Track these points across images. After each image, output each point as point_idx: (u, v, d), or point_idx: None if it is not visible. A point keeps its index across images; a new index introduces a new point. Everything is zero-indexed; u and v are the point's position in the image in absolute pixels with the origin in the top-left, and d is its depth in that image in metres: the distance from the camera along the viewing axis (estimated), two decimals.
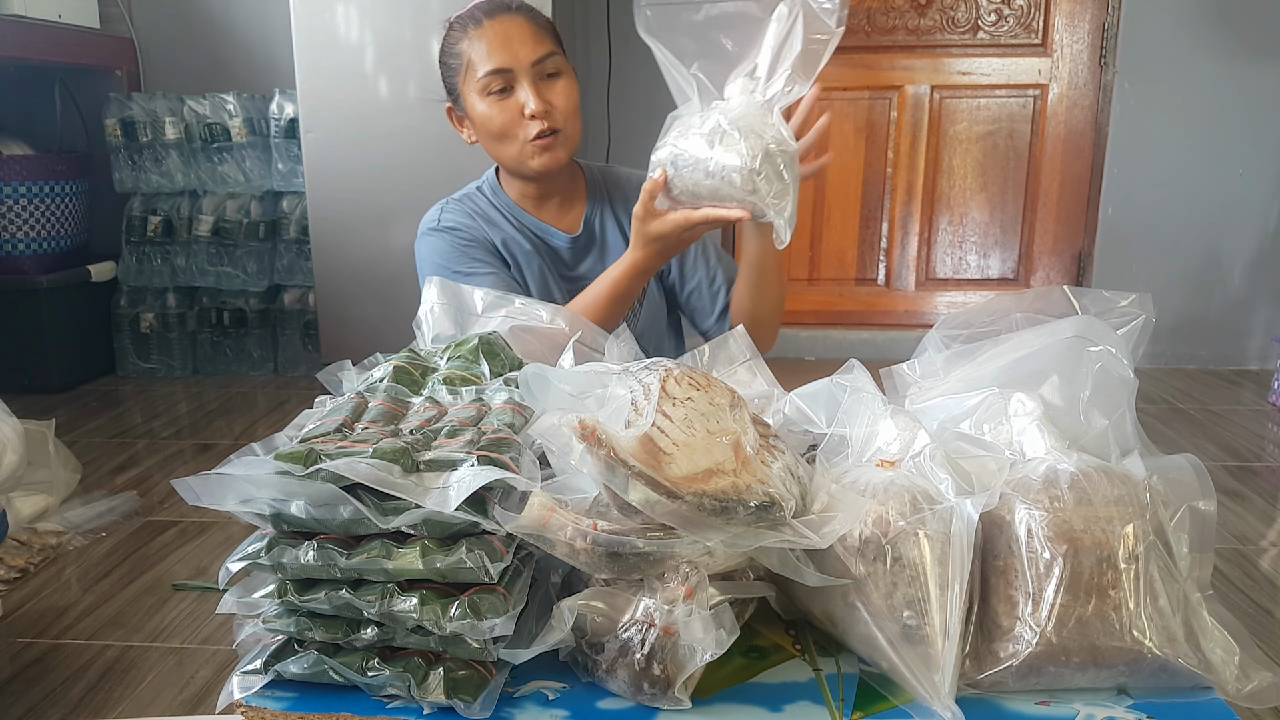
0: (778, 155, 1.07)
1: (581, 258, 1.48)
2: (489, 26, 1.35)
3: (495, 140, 1.38)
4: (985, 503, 0.69)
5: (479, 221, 1.45)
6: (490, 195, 1.49)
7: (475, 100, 1.36)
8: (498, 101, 1.35)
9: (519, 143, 1.36)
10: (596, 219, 1.49)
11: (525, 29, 1.36)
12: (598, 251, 1.49)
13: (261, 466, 0.68)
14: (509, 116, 1.35)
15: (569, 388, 0.77)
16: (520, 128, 1.35)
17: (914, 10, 3.31)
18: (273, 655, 0.71)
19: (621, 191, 1.51)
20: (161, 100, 3.19)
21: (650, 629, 0.67)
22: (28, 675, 1.50)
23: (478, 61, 1.34)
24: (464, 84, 1.37)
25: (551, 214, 1.48)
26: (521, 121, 1.35)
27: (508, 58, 1.33)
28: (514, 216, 1.47)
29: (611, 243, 1.49)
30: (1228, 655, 0.68)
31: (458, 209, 1.46)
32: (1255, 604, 1.70)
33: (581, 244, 1.48)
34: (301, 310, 3.22)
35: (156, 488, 2.25)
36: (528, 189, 1.46)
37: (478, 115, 1.37)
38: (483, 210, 1.47)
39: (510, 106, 1.35)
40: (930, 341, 0.88)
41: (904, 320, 3.53)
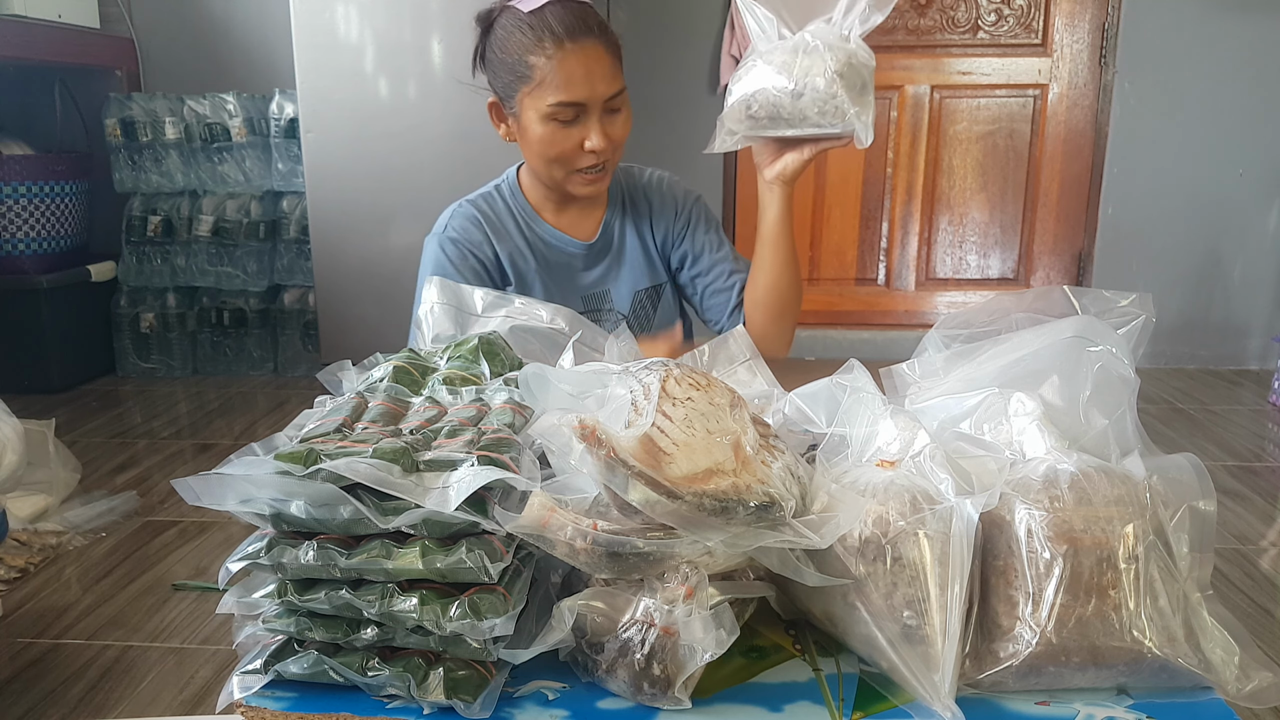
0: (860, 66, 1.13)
1: (595, 263, 1.47)
2: (571, 52, 1.27)
3: (543, 161, 1.34)
4: (985, 503, 0.69)
5: (485, 233, 1.42)
6: (509, 197, 1.46)
7: (534, 119, 1.31)
8: (561, 129, 1.30)
9: (567, 169, 1.34)
10: (616, 224, 1.48)
11: (604, 61, 1.30)
12: (613, 258, 1.48)
13: (261, 466, 0.68)
14: (568, 146, 1.31)
15: (569, 388, 0.77)
16: (576, 158, 1.32)
17: (914, 10, 3.31)
18: (273, 655, 0.71)
19: (642, 194, 1.50)
20: (161, 100, 3.19)
21: (650, 629, 0.67)
22: (28, 675, 1.50)
23: (552, 86, 1.28)
24: (526, 96, 1.31)
25: (570, 219, 1.46)
26: (579, 153, 1.32)
27: (585, 92, 1.28)
28: (528, 224, 1.45)
29: (629, 248, 1.48)
30: (1228, 655, 0.68)
31: (467, 217, 1.43)
32: (1255, 604, 1.70)
33: (597, 250, 1.47)
34: (301, 310, 3.22)
35: (156, 488, 2.25)
36: (551, 194, 1.44)
37: (534, 134, 1.32)
38: (497, 215, 1.44)
39: (572, 136, 1.30)
40: (930, 341, 0.88)
41: (904, 320, 3.54)
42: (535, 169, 1.39)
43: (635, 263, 1.48)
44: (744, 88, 1.18)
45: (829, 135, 1.18)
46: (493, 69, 1.36)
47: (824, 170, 3.45)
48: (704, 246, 1.48)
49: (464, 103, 2.75)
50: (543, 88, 1.28)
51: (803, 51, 1.13)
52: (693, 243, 1.48)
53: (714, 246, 1.48)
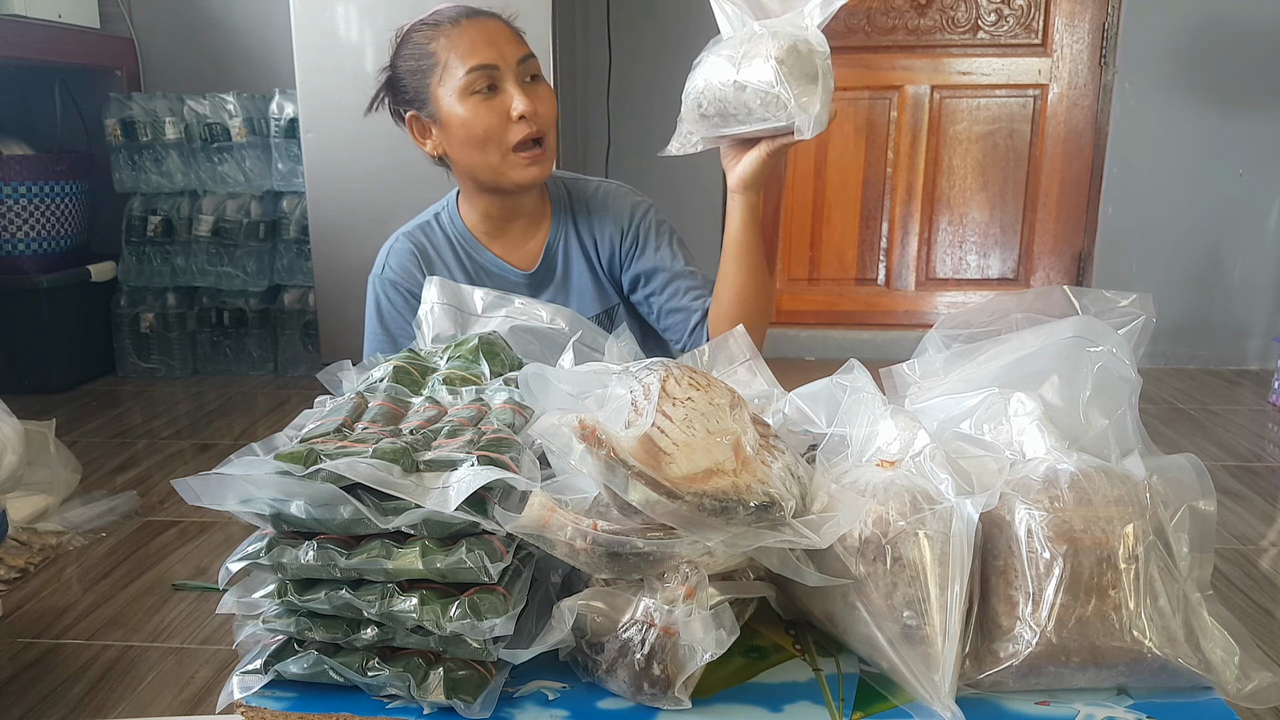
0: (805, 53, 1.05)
1: (539, 291, 1.41)
2: (468, 25, 1.29)
3: (475, 147, 1.29)
4: (985, 503, 0.69)
5: (422, 268, 1.38)
6: (448, 225, 1.42)
7: (453, 103, 1.27)
8: (482, 102, 1.26)
9: (502, 150, 1.28)
10: (560, 246, 1.42)
11: (505, 30, 1.31)
12: (557, 285, 1.42)
13: (261, 466, 0.68)
14: (494, 119, 1.27)
15: (569, 388, 0.77)
16: (505, 132, 1.27)
17: (914, 10, 3.31)
18: (273, 655, 0.71)
19: (587, 208, 1.43)
20: (161, 100, 3.19)
21: (650, 629, 0.67)
22: (28, 675, 1.50)
23: (457, 60, 1.26)
24: (437, 85, 1.28)
25: (510, 243, 1.41)
26: (507, 125, 1.27)
27: (493, 54, 1.27)
28: (467, 253, 1.40)
29: (575, 273, 1.42)
30: (1228, 655, 0.68)
31: (403, 254, 1.39)
32: (1255, 604, 1.70)
33: (539, 278, 1.41)
34: (301, 310, 3.22)
35: (156, 488, 2.25)
36: (491, 210, 1.38)
37: (456, 119, 1.28)
38: (435, 246, 1.40)
39: (496, 108, 1.27)
40: (930, 341, 0.88)
41: (904, 320, 3.54)
42: (469, 167, 1.33)
43: (582, 289, 1.42)
44: (694, 83, 1.11)
45: (778, 130, 1.09)
46: (400, 86, 1.34)
47: (824, 170, 3.45)
48: (656, 265, 1.40)
49: None
50: (450, 68, 1.27)
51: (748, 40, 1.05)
52: (643, 262, 1.41)
53: (667, 262, 1.40)
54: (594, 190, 1.45)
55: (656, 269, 1.40)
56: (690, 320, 1.38)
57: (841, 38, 3.35)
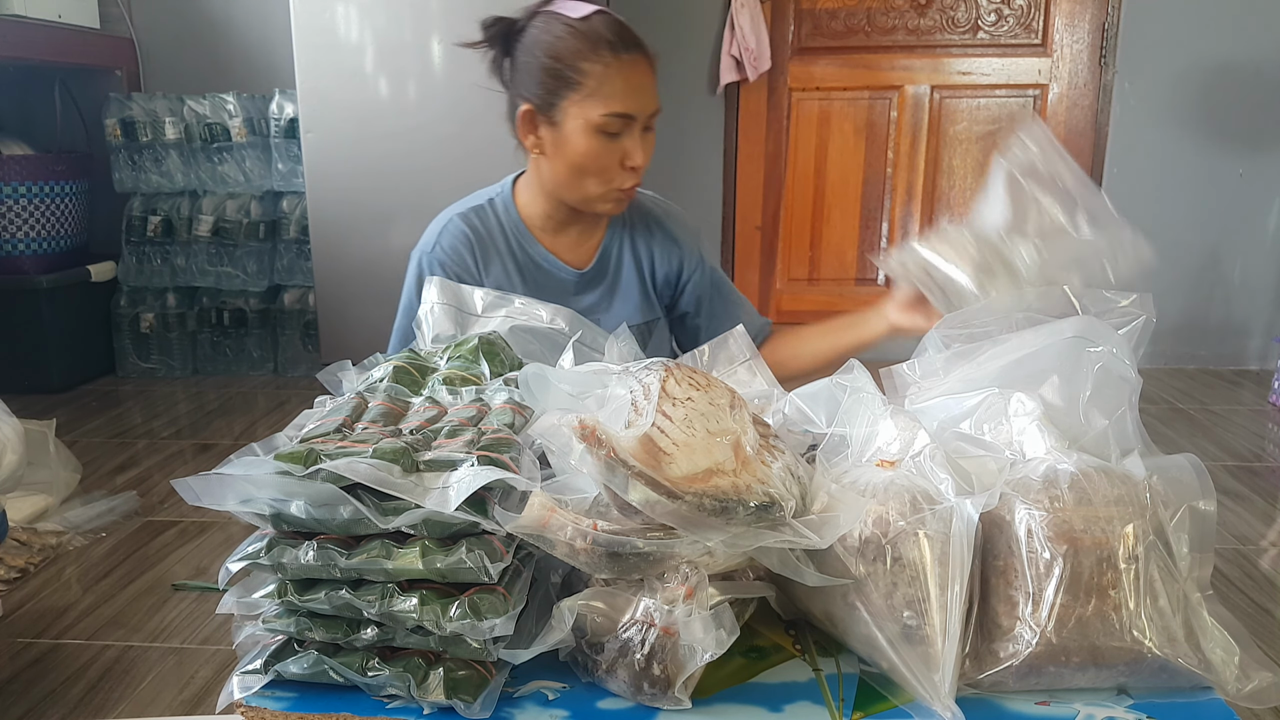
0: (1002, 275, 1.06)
1: (587, 291, 1.42)
2: (628, 63, 1.26)
3: (579, 173, 1.29)
4: (985, 503, 0.69)
5: (474, 254, 1.37)
6: (502, 213, 1.40)
7: (579, 128, 1.26)
8: (607, 142, 1.26)
9: (604, 186, 1.30)
10: (614, 250, 1.43)
11: (651, 78, 1.29)
12: (607, 285, 1.43)
13: (261, 466, 0.68)
14: (609, 161, 1.28)
15: (569, 388, 0.77)
16: (614, 174, 1.29)
17: (914, 10, 3.31)
18: (273, 655, 0.71)
19: (645, 220, 1.45)
20: (161, 100, 3.19)
21: (650, 629, 0.67)
22: (28, 675, 1.50)
23: (607, 96, 1.24)
24: (572, 104, 1.26)
25: (567, 243, 1.41)
26: (618, 169, 1.29)
27: (636, 106, 1.26)
28: (520, 244, 1.40)
29: (625, 280, 1.44)
30: (1228, 655, 0.68)
31: (457, 235, 1.38)
32: (1255, 604, 1.70)
33: (590, 278, 1.42)
34: (301, 310, 3.22)
35: (156, 488, 2.25)
36: (557, 213, 1.38)
37: (577, 145, 1.27)
38: (489, 231, 1.39)
39: (614, 151, 1.27)
40: (930, 341, 0.88)
41: None
42: (563, 184, 1.33)
43: (630, 296, 1.43)
44: (939, 258, 1.09)
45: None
46: (527, 73, 1.29)
47: (824, 170, 3.45)
48: (715, 295, 1.47)
49: (464, 103, 2.75)
50: (595, 97, 1.25)
51: (998, 270, 1.05)
52: (698, 288, 1.46)
53: (726, 297, 1.48)
54: (653, 204, 1.48)
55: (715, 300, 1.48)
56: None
57: (841, 38, 3.35)
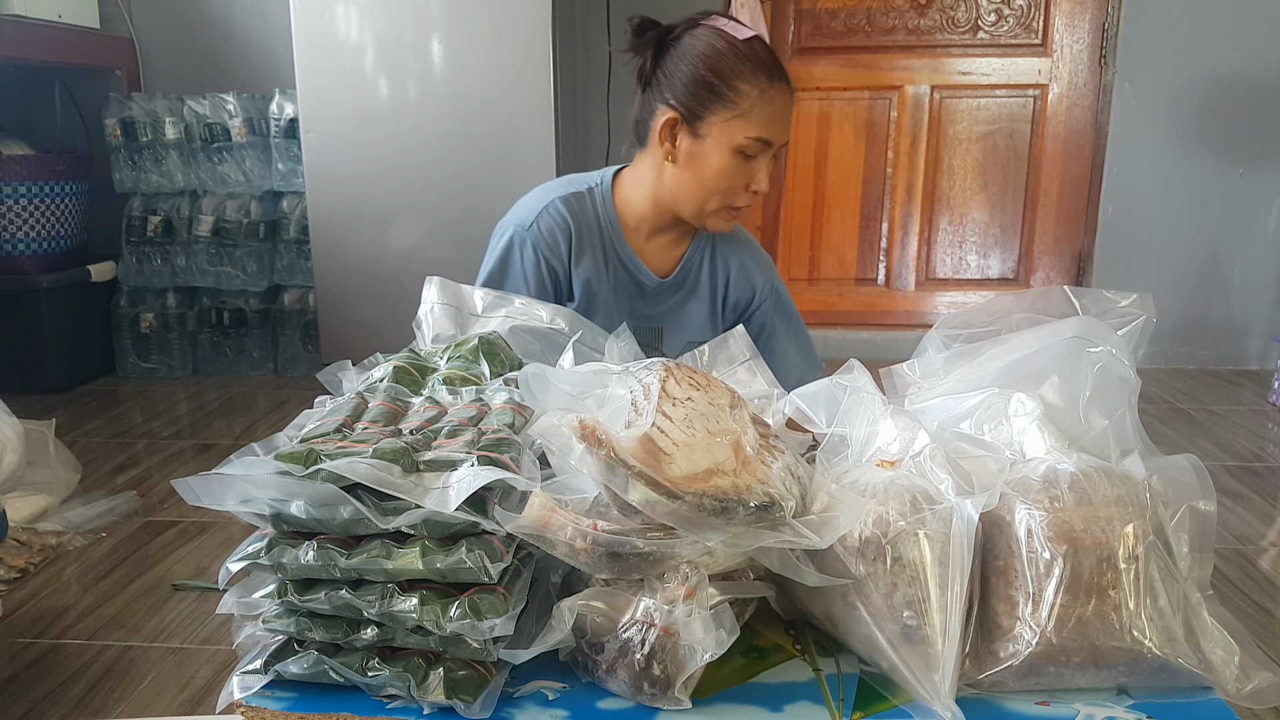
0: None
1: (662, 300, 1.45)
2: (780, 92, 1.29)
3: (706, 189, 1.32)
4: (985, 503, 0.69)
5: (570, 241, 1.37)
6: (599, 205, 1.41)
7: (719, 146, 1.28)
8: (742, 163, 1.29)
9: (723, 204, 1.33)
10: (695, 264, 1.46)
11: (791, 110, 1.33)
12: (680, 299, 1.46)
13: (261, 466, 0.68)
14: (738, 181, 1.31)
15: (569, 388, 0.77)
16: (737, 195, 1.32)
17: (914, 10, 3.31)
18: (273, 655, 0.71)
19: (726, 242, 1.48)
20: (161, 100, 3.19)
21: (650, 629, 0.67)
22: (28, 675, 1.50)
23: (757, 120, 1.27)
24: (720, 122, 1.28)
25: (655, 249, 1.43)
26: (742, 191, 1.32)
27: (778, 135, 1.30)
28: (612, 240, 1.40)
29: (699, 295, 1.47)
30: (1228, 655, 0.68)
31: (556, 218, 1.37)
32: (1255, 604, 1.70)
33: (670, 286, 1.45)
34: (301, 310, 3.22)
35: (156, 488, 2.25)
36: (657, 219, 1.40)
37: (713, 161, 1.29)
38: (586, 221, 1.39)
39: (745, 173, 1.30)
40: (930, 341, 0.88)
41: (904, 320, 3.53)
42: (684, 195, 1.34)
43: (698, 313, 1.46)
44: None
45: None
46: (680, 81, 1.29)
47: (824, 170, 3.45)
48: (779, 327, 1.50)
49: (464, 103, 2.75)
50: (745, 118, 1.27)
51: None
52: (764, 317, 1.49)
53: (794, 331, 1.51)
54: (744, 238, 1.51)
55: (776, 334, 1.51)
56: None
57: (841, 38, 3.35)
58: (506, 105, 2.66)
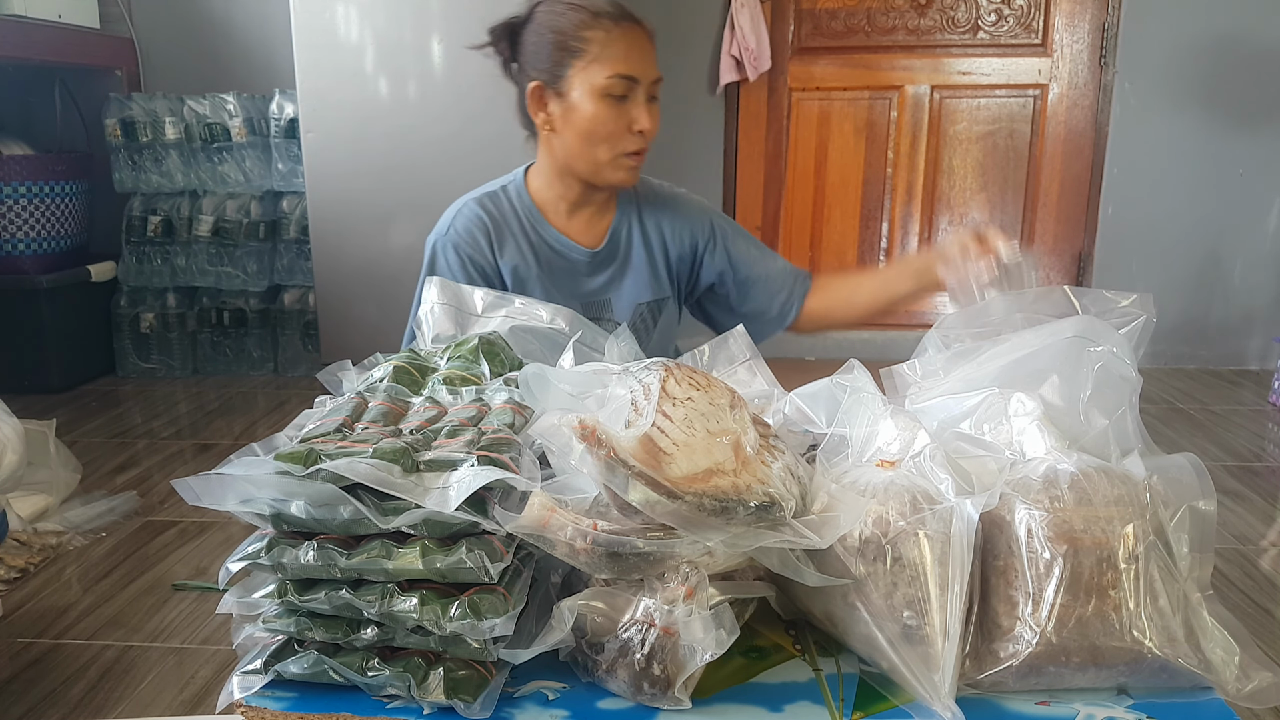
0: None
1: (599, 271, 1.46)
2: (628, 30, 1.32)
3: (587, 141, 1.34)
4: (985, 503, 0.69)
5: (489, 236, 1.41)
6: (515, 198, 1.45)
7: (586, 95, 1.32)
8: (613, 106, 1.32)
9: (613, 152, 1.34)
10: (624, 231, 1.47)
11: (650, 48, 1.35)
12: (617, 267, 1.47)
13: (261, 466, 0.68)
14: (617, 126, 1.33)
15: (569, 388, 0.77)
16: (622, 139, 1.34)
17: (914, 10, 3.31)
18: (273, 655, 0.71)
19: (653, 201, 1.49)
20: (161, 100, 3.19)
21: (650, 629, 0.67)
22: (28, 675, 1.50)
23: (610, 59, 1.30)
24: (578, 73, 1.32)
25: (579, 225, 1.45)
26: (625, 134, 1.33)
27: (638, 69, 1.32)
28: (533, 227, 1.43)
29: (635, 258, 1.47)
30: (1228, 655, 0.68)
31: (471, 218, 1.42)
32: (1255, 604, 1.70)
33: (602, 258, 1.46)
34: (301, 310, 3.22)
35: (156, 488, 2.25)
36: (570, 194, 1.42)
37: (584, 112, 1.32)
38: (503, 215, 1.43)
39: (621, 115, 1.32)
40: (930, 341, 0.88)
41: (904, 320, 3.53)
42: (574, 154, 1.37)
43: (640, 274, 1.47)
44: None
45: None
46: (535, 53, 1.36)
47: (824, 170, 3.45)
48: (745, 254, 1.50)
49: (464, 103, 2.75)
50: (599, 61, 1.31)
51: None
52: (730, 253, 1.49)
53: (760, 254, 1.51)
54: (660, 187, 1.52)
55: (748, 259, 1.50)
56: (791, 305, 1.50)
57: (841, 38, 3.35)
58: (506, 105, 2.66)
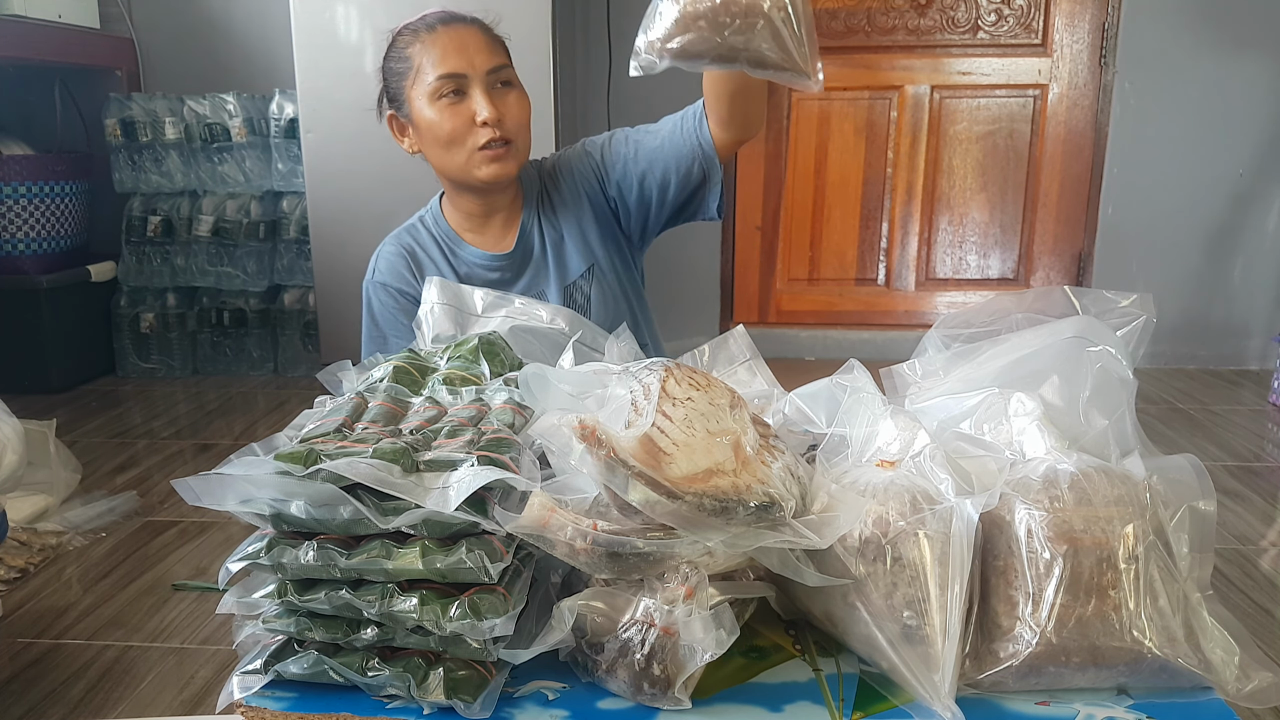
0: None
1: (520, 272, 1.46)
2: (443, 32, 1.35)
3: (442, 147, 1.36)
4: (985, 503, 0.69)
5: (411, 268, 1.44)
6: (432, 225, 1.48)
7: (423, 106, 1.35)
8: (449, 107, 1.33)
9: (467, 150, 1.35)
10: (534, 224, 1.46)
11: (479, 39, 1.35)
12: (536, 263, 1.46)
13: (261, 466, 0.68)
14: (459, 123, 1.33)
15: (569, 388, 0.77)
16: (470, 135, 1.34)
17: (914, 10, 3.31)
18: (273, 655, 0.71)
19: (551, 184, 1.48)
20: (161, 100, 3.19)
21: (650, 629, 0.67)
22: (28, 675, 1.50)
23: (429, 65, 1.33)
24: (411, 88, 1.36)
25: (492, 236, 1.46)
26: (472, 129, 1.33)
27: (462, 63, 1.33)
28: (451, 249, 1.46)
29: (550, 246, 1.46)
30: (1228, 655, 0.68)
31: (393, 255, 1.46)
32: (1255, 604, 1.70)
33: (517, 259, 1.46)
34: (301, 310, 3.22)
35: (156, 488, 2.25)
36: (473, 208, 1.44)
37: (424, 121, 1.35)
38: (422, 245, 1.46)
39: (461, 113, 1.33)
40: (930, 341, 0.88)
41: (904, 320, 3.53)
42: (440, 166, 1.40)
43: (559, 259, 1.46)
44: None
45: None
46: (385, 86, 1.41)
47: (824, 170, 3.45)
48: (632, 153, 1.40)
49: None
50: (422, 73, 1.34)
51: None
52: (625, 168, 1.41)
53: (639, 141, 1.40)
54: (554, 161, 1.51)
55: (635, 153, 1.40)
56: (696, 124, 1.36)
57: (841, 38, 3.35)
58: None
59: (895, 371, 0.87)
